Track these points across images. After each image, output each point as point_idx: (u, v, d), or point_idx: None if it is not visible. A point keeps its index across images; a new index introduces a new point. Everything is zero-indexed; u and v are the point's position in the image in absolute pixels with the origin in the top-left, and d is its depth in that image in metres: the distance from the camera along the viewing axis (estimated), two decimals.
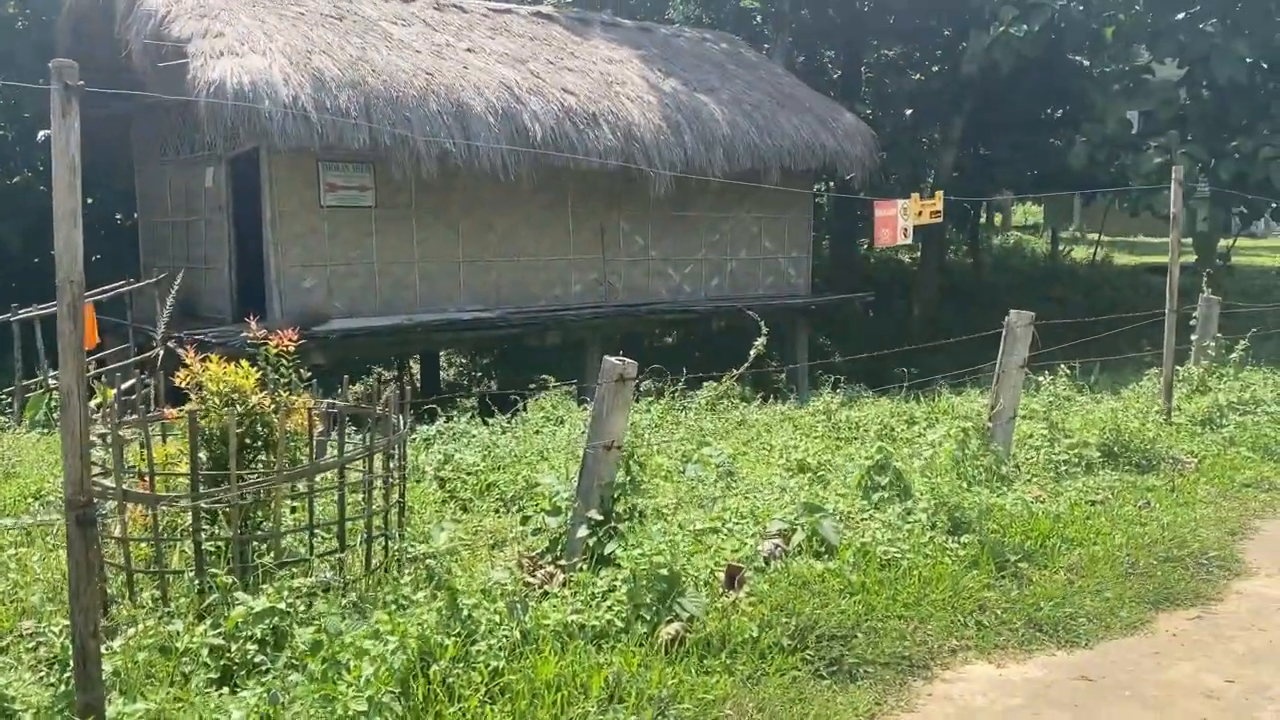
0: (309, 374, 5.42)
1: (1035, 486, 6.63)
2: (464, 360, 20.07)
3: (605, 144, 12.77)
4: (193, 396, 4.74)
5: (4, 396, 10.35)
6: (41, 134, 14.35)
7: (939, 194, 11.26)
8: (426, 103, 11.50)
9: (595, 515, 4.69)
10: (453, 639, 3.68)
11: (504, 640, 3.82)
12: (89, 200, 16.61)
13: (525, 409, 10.01)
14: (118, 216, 17.14)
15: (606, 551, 4.52)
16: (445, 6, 14.52)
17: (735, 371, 10.62)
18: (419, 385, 18.18)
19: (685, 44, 16.98)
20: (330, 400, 5.51)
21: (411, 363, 18.53)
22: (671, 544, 4.36)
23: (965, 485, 6.17)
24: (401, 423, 5.09)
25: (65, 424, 3.18)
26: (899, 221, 10.79)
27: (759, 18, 23.48)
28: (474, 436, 8.37)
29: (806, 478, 6.71)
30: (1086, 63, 20.36)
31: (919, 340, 17.95)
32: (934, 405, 9.87)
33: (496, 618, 3.90)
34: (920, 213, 10.89)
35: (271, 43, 10.99)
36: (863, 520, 5.56)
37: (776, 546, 5.05)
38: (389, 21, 13.08)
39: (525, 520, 5.41)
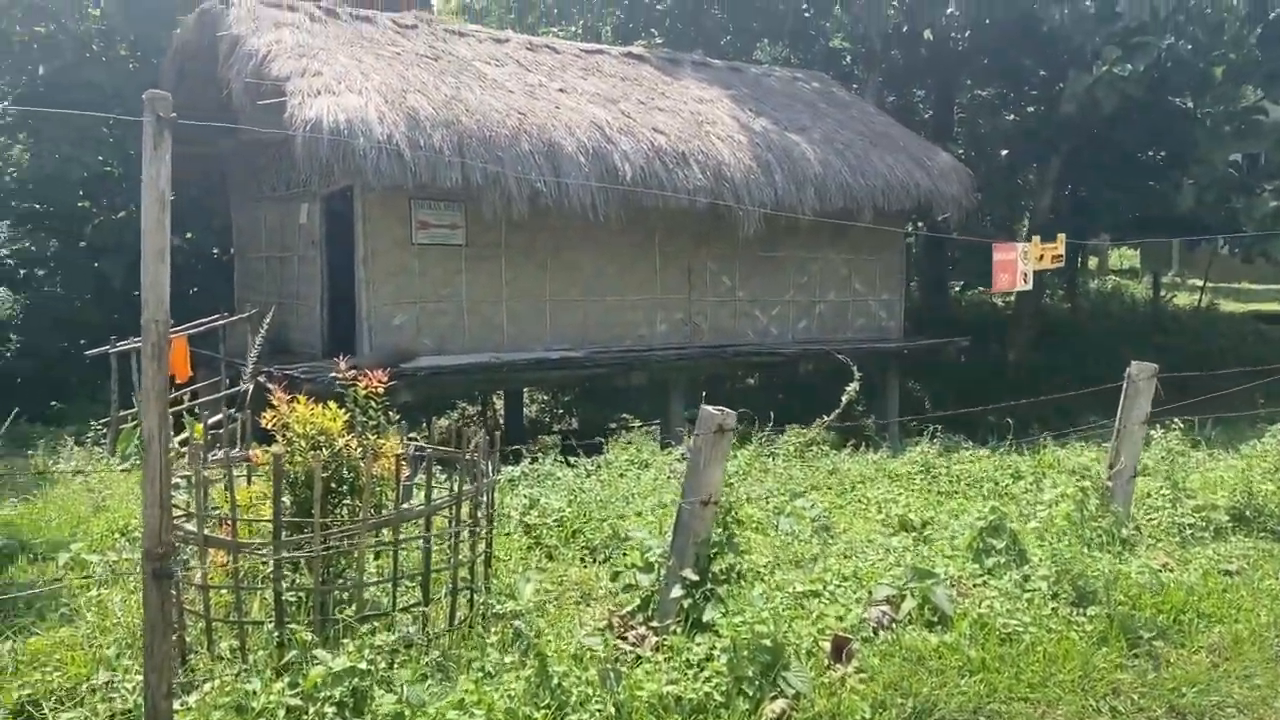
0: (396, 414, 5.27)
1: (1161, 552, 6.15)
2: (546, 397, 20.00)
3: (695, 183, 12.59)
4: (279, 438, 4.62)
5: (100, 427, 10.50)
6: None
7: (1061, 237, 10.73)
8: (518, 142, 11.46)
9: (690, 575, 4.40)
10: (542, 712, 3.43)
11: (596, 714, 3.55)
12: (188, 235, 17.05)
13: (608, 448, 9.84)
14: (214, 251, 17.52)
15: (705, 618, 4.23)
16: (538, 47, 14.58)
17: (825, 418, 10.27)
18: (502, 421, 18.14)
19: (776, 83, 16.78)
20: (417, 443, 5.35)
21: (495, 398, 18.51)
22: (774, 611, 4.06)
23: (1086, 550, 5.73)
24: (490, 469, 4.89)
25: (146, 470, 3.04)
26: (1019, 266, 10.31)
27: (849, 58, 23.24)
28: (558, 479, 8.18)
29: (910, 537, 6.33)
30: (1190, 103, 19.64)
31: (1015, 386, 17.32)
32: (1039, 458, 9.36)
33: (588, 689, 3.63)
34: (1041, 256, 10.39)
35: (368, 81, 11.08)
36: (976, 587, 5.18)
37: (884, 614, 4.70)
38: (483, 61, 13.15)
39: (615, 576, 5.15)
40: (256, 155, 13.79)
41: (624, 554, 5.41)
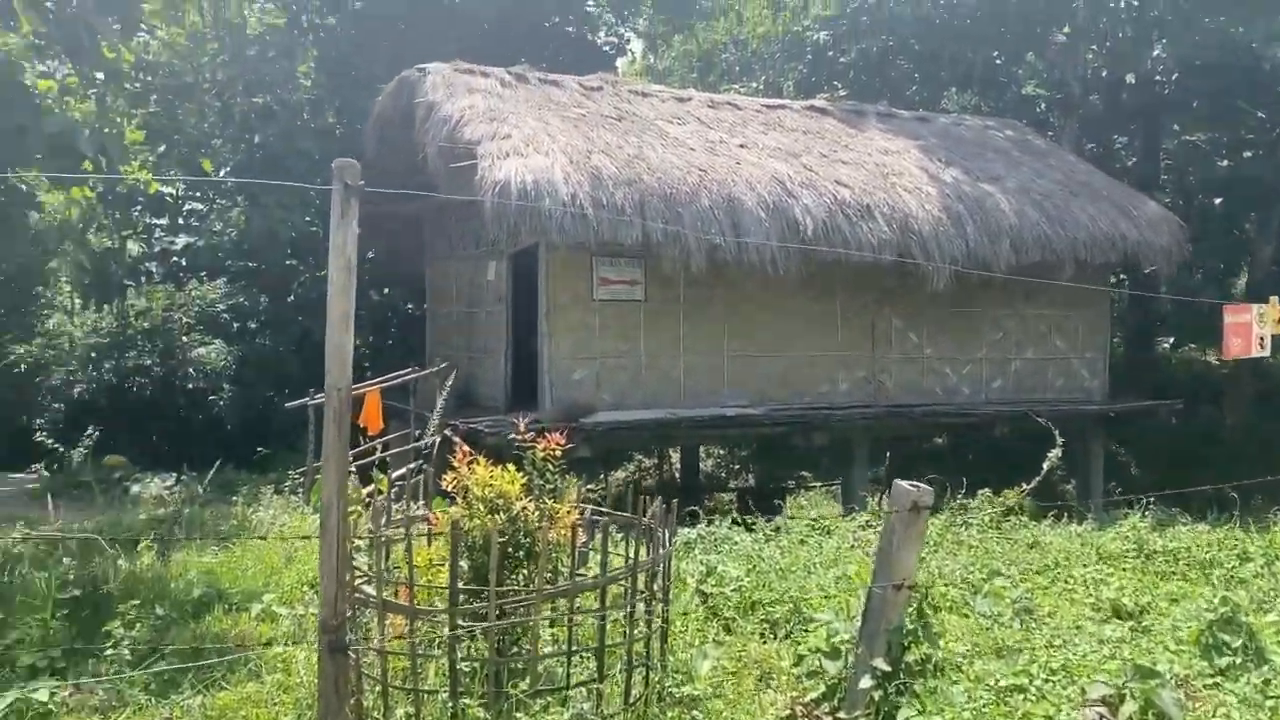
0: (572, 471, 5.20)
1: None
2: (722, 451, 19.74)
3: (879, 237, 12.20)
4: (458, 500, 4.60)
5: (296, 476, 10.98)
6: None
7: None
8: (699, 198, 11.43)
9: (882, 665, 4.07)
10: None
11: None
12: (385, 290, 17.86)
13: (786, 507, 9.51)
14: (409, 306, 18.27)
15: (901, 716, 3.88)
16: (720, 104, 14.59)
17: (1025, 486, 9.63)
18: (678, 475, 18.01)
19: (967, 132, 16.19)
20: (593, 506, 5.25)
21: (670, 451, 18.42)
22: (976, 711, 3.68)
23: None
24: (667, 538, 4.71)
25: (324, 539, 3.01)
26: (1254, 329, 9.39)
27: (1043, 105, 22.28)
28: (736, 544, 7.93)
29: (1125, 625, 5.74)
30: None
31: (1233, 454, 15.86)
32: (1270, 538, 8.44)
33: None
34: None
35: (554, 143, 11.32)
36: (1207, 690, 4.60)
37: (1101, 717, 4.22)
38: (665, 120, 13.24)
39: (799, 660, 4.85)
40: (450, 215, 14.31)
41: (808, 634, 5.11)
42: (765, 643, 5.60)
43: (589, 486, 5.33)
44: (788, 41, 23.11)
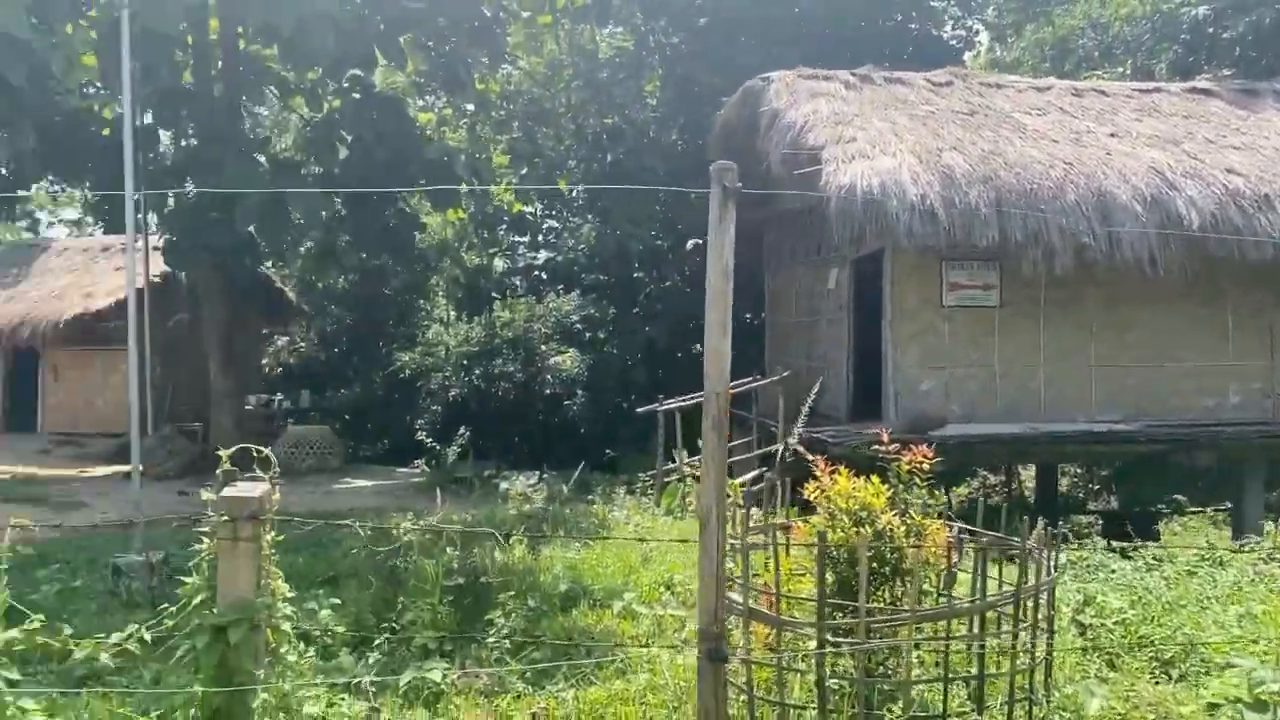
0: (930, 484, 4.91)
1: None
2: (1079, 470, 18.19)
3: None
4: (820, 509, 4.48)
5: (647, 479, 11.37)
6: (690, 242, 15.98)
7: None
8: (1063, 194, 10.57)
9: None
10: None
11: None
12: None
13: (1162, 532, 8.52)
14: (747, 316, 18.46)
15: None
16: (1084, 91, 13.48)
17: None
18: (1030, 493, 16.82)
19: None
20: (961, 524, 4.92)
21: (1019, 468, 17.23)
22: None
23: None
24: (1051, 564, 4.30)
25: (703, 544, 2.98)
26: None
27: None
28: (1112, 572, 7.20)
29: None
30: None
31: None
32: None
33: None
34: None
35: (901, 143, 10.94)
36: None
37: None
38: (1022, 112, 12.41)
39: (1210, 709, 4.25)
40: (789, 223, 14.28)
41: (1212, 678, 4.48)
42: (1157, 684, 5.00)
43: (927, 503, 5.01)
44: (1158, 20, 20.99)
